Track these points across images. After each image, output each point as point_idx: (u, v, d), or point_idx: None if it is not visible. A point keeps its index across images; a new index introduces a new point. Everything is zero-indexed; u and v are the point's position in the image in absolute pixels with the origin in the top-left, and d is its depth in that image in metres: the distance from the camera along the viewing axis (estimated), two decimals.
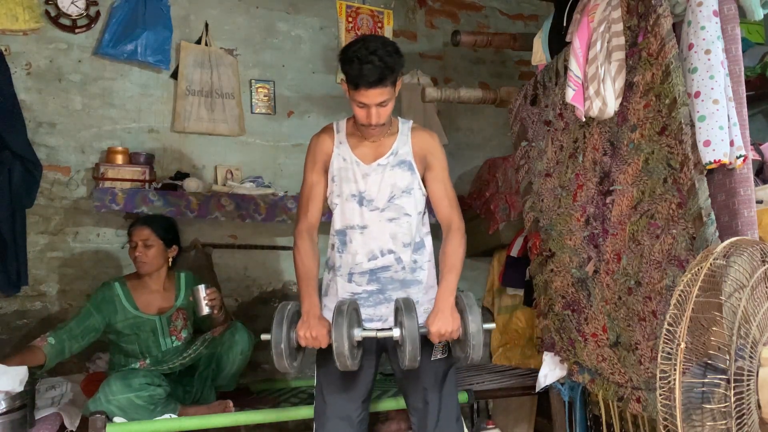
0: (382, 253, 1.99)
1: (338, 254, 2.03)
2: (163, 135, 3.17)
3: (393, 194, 2.00)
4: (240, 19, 3.40)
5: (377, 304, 2.00)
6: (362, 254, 1.99)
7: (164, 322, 2.53)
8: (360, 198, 2.00)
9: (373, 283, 2.00)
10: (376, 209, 2.00)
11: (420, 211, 2.07)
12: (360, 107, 1.90)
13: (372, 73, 1.81)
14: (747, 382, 1.31)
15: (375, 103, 1.87)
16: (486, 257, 3.53)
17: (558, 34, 2.38)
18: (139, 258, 2.51)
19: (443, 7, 3.92)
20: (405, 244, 2.01)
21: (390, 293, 2.00)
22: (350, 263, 2.01)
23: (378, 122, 1.92)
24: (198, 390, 2.52)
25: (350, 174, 2.01)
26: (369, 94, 1.85)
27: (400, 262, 2.00)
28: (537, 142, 2.54)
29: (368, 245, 1.99)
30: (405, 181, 2.01)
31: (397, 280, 2.01)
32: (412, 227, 2.03)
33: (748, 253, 1.42)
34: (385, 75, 1.83)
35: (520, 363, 3.14)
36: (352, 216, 2.01)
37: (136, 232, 2.54)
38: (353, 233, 2.01)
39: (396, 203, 2.00)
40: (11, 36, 2.91)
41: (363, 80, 1.82)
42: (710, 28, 1.73)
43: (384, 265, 1.99)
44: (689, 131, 1.74)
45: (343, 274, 2.02)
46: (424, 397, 1.99)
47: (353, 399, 1.98)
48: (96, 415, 2.05)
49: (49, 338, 2.28)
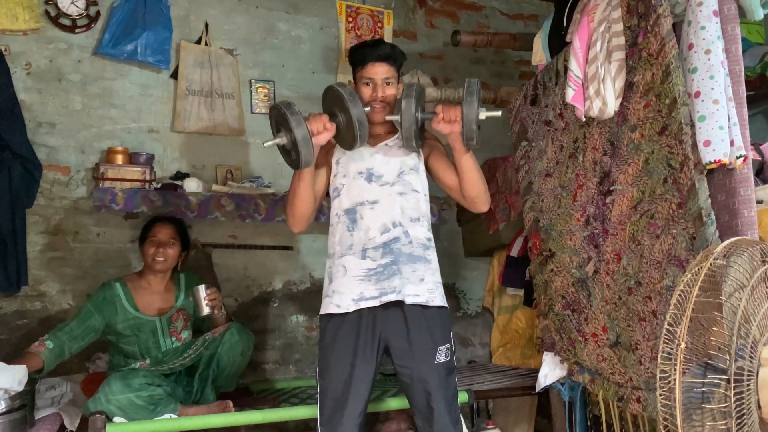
0: (394, 225, 2.05)
1: (348, 233, 2.06)
2: (163, 135, 3.17)
3: (402, 170, 2.10)
4: (240, 19, 3.40)
5: (391, 275, 2.01)
6: (375, 228, 2.04)
7: (164, 322, 2.53)
8: (368, 174, 2.08)
9: (387, 255, 2.03)
10: (386, 184, 2.08)
11: (425, 194, 2.14)
12: (367, 85, 2.08)
13: (381, 49, 2.08)
14: (747, 382, 1.31)
15: (381, 78, 2.05)
16: (486, 257, 3.53)
17: (558, 34, 2.38)
18: (158, 256, 2.50)
19: (443, 7, 3.92)
20: (412, 218, 2.08)
21: (401, 266, 2.02)
22: (363, 239, 2.04)
23: (384, 95, 2.06)
24: (198, 390, 2.52)
25: (356, 154, 2.11)
26: (376, 68, 2.05)
27: (408, 236, 2.05)
28: (537, 142, 2.54)
29: (380, 219, 2.05)
30: (412, 160, 2.13)
31: (405, 253, 2.04)
32: (420, 203, 2.11)
33: (748, 253, 1.42)
34: (391, 54, 2.08)
35: (520, 363, 3.14)
36: (360, 192, 2.07)
37: (160, 230, 2.53)
38: (363, 209, 2.06)
39: (405, 179, 2.09)
40: (11, 36, 2.91)
41: (372, 55, 2.05)
42: (710, 28, 1.73)
43: (395, 237, 2.04)
44: (689, 131, 1.74)
45: (356, 251, 2.04)
46: (427, 400, 2.00)
47: (353, 407, 1.99)
48: (96, 415, 2.05)
49: (47, 342, 2.27)
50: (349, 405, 1.98)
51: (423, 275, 2.05)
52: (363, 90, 2.07)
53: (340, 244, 2.07)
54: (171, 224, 2.58)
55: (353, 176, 2.08)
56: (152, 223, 2.58)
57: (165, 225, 2.56)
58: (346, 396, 1.98)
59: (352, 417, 1.98)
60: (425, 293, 2.03)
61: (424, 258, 2.07)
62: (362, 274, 2.02)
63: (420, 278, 2.04)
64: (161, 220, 2.59)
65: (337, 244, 2.09)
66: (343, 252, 2.06)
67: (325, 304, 2.07)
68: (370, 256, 2.03)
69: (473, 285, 3.70)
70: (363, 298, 2.01)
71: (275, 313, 3.27)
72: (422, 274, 2.05)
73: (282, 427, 3.12)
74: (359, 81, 2.10)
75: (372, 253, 2.03)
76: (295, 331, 3.30)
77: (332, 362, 2.01)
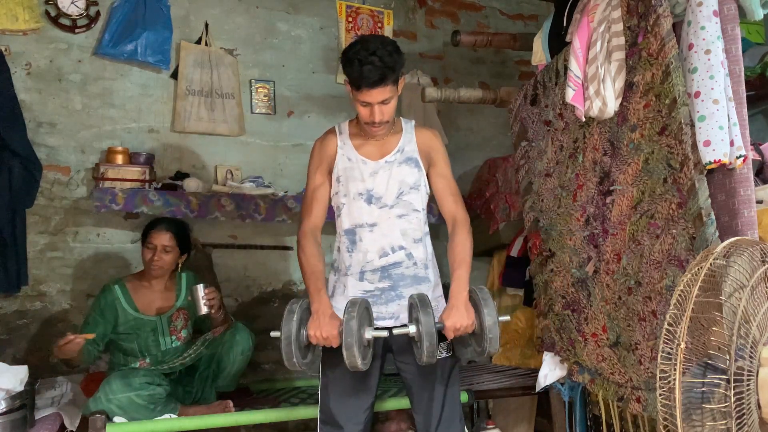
0: (393, 250, 2.00)
1: (348, 254, 2.03)
2: (163, 135, 3.17)
3: (402, 191, 2.03)
4: (240, 19, 3.40)
5: (389, 301, 2.00)
6: (373, 252, 2.00)
7: (164, 322, 2.53)
8: (368, 196, 2.02)
9: (385, 280, 2.00)
10: (385, 206, 2.01)
11: (425, 208, 2.09)
12: (364, 106, 1.94)
13: (373, 73, 1.84)
14: (747, 382, 1.31)
15: (378, 102, 1.91)
16: (486, 257, 3.53)
17: (558, 34, 2.38)
18: (154, 263, 2.48)
19: (443, 7, 3.92)
20: (415, 239, 2.03)
21: (401, 290, 2.00)
22: (361, 261, 2.01)
23: (382, 119, 1.95)
24: (198, 390, 2.52)
25: (356, 173, 2.03)
26: (371, 93, 1.89)
27: (411, 258, 2.02)
28: (537, 142, 2.54)
29: (379, 242, 2.01)
30: (413, 177, 2.04)
31: (408, 276, 2.01)
32: (421, 223, 2.06)
33: (748, 253, 1.42)
34: (385, 74, 1.86)
35: (520, 363, 3.14)
36: (360, 214, 2.02)
37: (156, 236, 2.50)
38: (363, 231, 2.02)
39: (405, 199, 2.03)
40: (11, 36, 2.91)
41: (364, 81, 1.86)
42: (710, 28, 1.73)
43: (395, 262, 2.00)
44: (689, 131, 1.74)
45: (354, 272, 2.02)
46: (429, 396, 1.99)
47: (362, 400, 1.99)
48: (96, 415, 2.05)
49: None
50: (352, 404, 1.97)
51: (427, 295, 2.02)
52: (361, 109, 1.96)
53: (341, 263, 2.06)
54: (168, 230, 2.52)
55: (353, 197, 2.03)
56: (151, 227, 2.54)
57: (162, 231, 2.51)
58: (349, 394, 1.97)
59: (355, 415, 1.97)
60: None
61: (426, 278, 2.05)
62: (360, 297, 1.96)
63: None
64: (160, 225, 2.53)
65: (340, 262, 2.07)
66: (344, 271, 2.05)
67: None
68: (367, 279, 2.01)
69: (473, 285, 3.69)
70: None
71: (275, 313, 3.27)
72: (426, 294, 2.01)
73: (282, 427, 3.13)
74: (355, 98, 1.95)
75: (370, 276, 2.01)
76: None
77: (336, 359, 2.00)
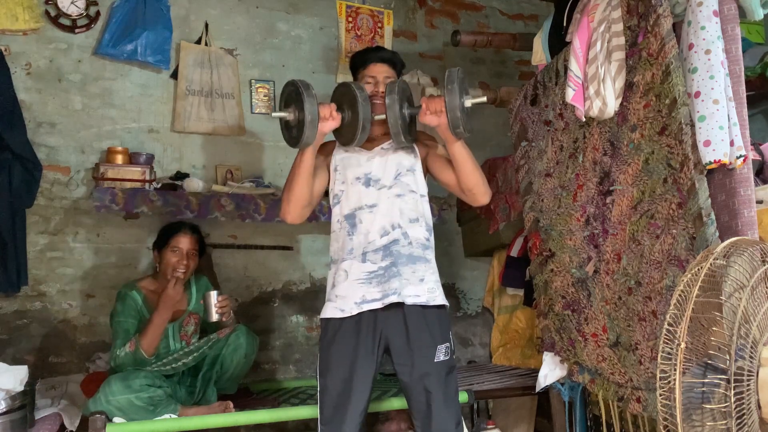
0: (393, 227, 2.06)
1: (348, 237, 2.07)
2: (163, 135, 3.17)
3: (399, 171, 2.11)
4: (240, 19, 3.40)
5: (391, 277, 2.02)
6: (374, 231, 2.05)
7: (176, 327, 2.52)
8: (366, 179, 2.09)
9: (387, 258, 2.03)
10: (383, 187, 2.08)
11: (423, 194, 2.14)
12: (369, 83, 2.12)
13: (383, 52, 2.21)
14: (747, 382, 1.31)
15: (383, 77, 2.12)
16: (486, 257, 3.53)
17: (558, 34, 2.38)
18: (180, 267, 2.47)
19: (443, 7, 3.92)
20: (411, 219, 2.08)
21: (400, 267, 2.03)
22: (363, 243, 2.05)
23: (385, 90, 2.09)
24: (200, 391, 2.51)
25: (353, 160, 2.13)
26: (378, 68, 2.13)
27: (407, 237, 2.06)
28: (537, 142, 2.54)
29: (379, 222, 2.06)
30: (408, 161, 2.14)
31: (405, 254, 2.04)
32: (418, 204, 2.11)
33: (748, 253, 1.42)
34: (393, 58, 2.18)
35: (520, 363, 3.14)
36: (359, 198, 2.08)
37: (183, 239, 2.49)
38: (362, 213, 2.07)
39: (402, 180, 2.10)
40: (11, 36, 2.91)
41: (374, 56, 2.15)
42: (710, 28, 1.73)
43: (395, 239, 2.05)
44: (689, 131, 1.74)
45: (356, 255, 2.05)
46: (427, 400, 1.99)
47: (359, 401, 2.00)
48: (96, 415, 2.05)
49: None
50: (350, 404, 1.98)
51: (423, 275, 2.05)
52: (365, 87, 2.08)
53: (342, 249, 2.08)
54: (193, 234, 2.52)
55: (351, 182, 2.10)
56: (175, 231, 2.52)
57: (188, 235, 2.50)
58: (347, 395, 1.98)
59: (354, 416, 1.98)
60: (426, 293, 2.03)
61: (423, 258, 2.08)
62: (363, 278, 2.03)
63: (420, 278, 2.04)
64: (184, 228, 2.52)
65: (339, 250, 2.09)
66: (344, 257, 2.07)
67: (329, 307, 2.07)
68: (370, 259, 2.04)
69: (473, 285, 3.70)
70: (365, 301, 2.01)
71: (275, 313, 3.27)
72: (422, 275, 2.05)
73: (282, 427, 3.13)
74: (361, 80, 2.14)
75: (372, 256, 2.04)
76: (295, 331, 3.30)
77: (333, 361, 2.01)
